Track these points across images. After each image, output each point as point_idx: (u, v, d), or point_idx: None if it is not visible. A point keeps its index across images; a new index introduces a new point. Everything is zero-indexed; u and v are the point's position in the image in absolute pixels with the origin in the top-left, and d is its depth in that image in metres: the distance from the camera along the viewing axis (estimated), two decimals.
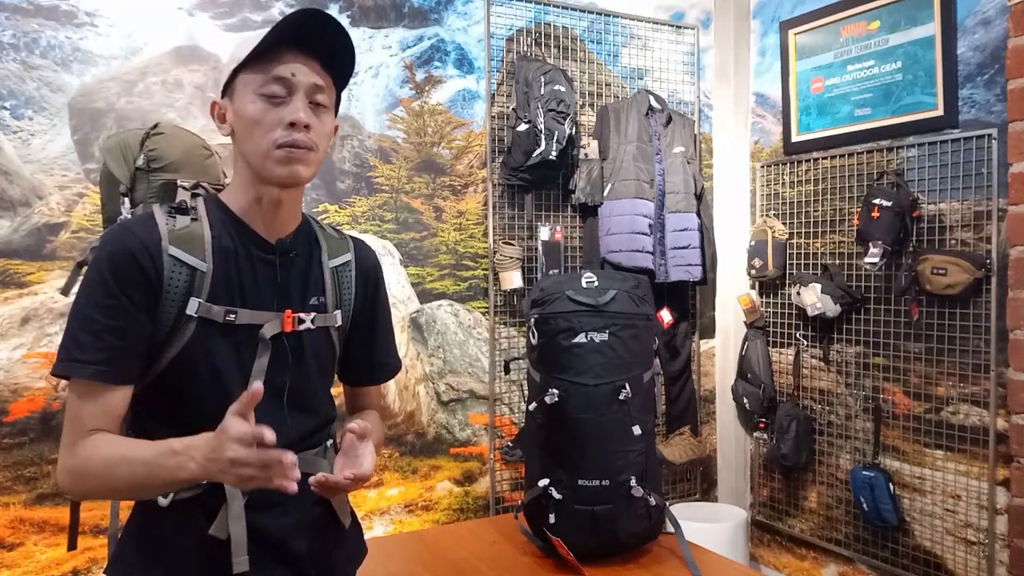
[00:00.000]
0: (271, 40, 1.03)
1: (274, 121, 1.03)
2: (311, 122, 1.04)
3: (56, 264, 2.21)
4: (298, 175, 1.05)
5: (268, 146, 1.03)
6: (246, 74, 1.05)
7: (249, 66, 1.05)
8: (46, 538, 2.17)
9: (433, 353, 2.78)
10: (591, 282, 1.78)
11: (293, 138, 1.03)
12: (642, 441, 1.76)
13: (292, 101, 1.04)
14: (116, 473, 0.97)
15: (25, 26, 2.17)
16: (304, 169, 1.05)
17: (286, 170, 1.04)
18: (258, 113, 1.03)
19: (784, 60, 3.11)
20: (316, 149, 1.06)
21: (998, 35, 2.36)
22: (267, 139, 1.03)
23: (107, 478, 0.98)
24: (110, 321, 0.99)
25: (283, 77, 1.03)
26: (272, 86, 1.03)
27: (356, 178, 2.65)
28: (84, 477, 0.99)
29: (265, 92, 1.03)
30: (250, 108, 1.04)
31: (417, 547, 1.85)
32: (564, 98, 2.68)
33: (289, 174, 1.04)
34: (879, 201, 2.56)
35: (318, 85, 1.06)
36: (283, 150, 1.03)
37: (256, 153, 1.04)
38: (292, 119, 1.02)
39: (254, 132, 1.04)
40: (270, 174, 1.05)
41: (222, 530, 1.04)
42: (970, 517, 2.46)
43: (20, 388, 2.16)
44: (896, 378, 2.68)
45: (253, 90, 1.04)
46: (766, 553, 3.22)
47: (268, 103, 1.03)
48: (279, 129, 1.03)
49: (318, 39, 1.05)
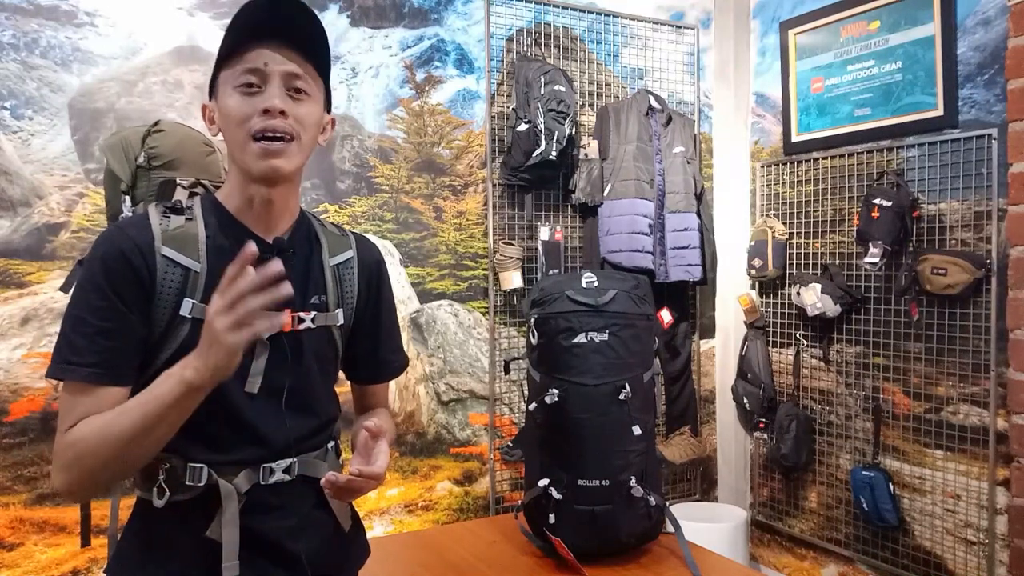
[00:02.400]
0: (236, 32, 1.02)
1: (248, 111, 1.02)
2: (287, 108, 1.02)
3: (56, 264, 2.21)
4: (277, 169, 1.03)
5: (244, 137, 1.02)
6: (224, 71, 1.05)
7: (226, 62, 1.04)
8: (46, 538, 2.17)
9: (433, 353, 2.77)
10: (591, 282, 1.78)
11: (267, 124, 1.01)
12: (642, 441, 1.76)
13: (266, 89, 1.02)
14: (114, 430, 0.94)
15: (25, 26, 2.17)
16: (284, 162, 1.03)
17: (264, 164, 1.02)
18: (234, 105, 1.02)
19: (784, 60, 3.11)
20: (297, 138, 1.04)
21: (998, 35, 2.36)
22: (243, 130, 1.02)
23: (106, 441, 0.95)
24: (103, 323, 0.99)
25: (255, 68, 1.02)
26: (246, 77, 1.02)
27: (356, 178, 2.65)
28: (82, 457, 0.96)
29: (240, 84, 1.02)
30: (228, 103, 1.03)
31: (417, 547, 1.85)
32: (564, 98, 2.68)
33: (267, 168, 1.03)
34: (879, 201, 2.56)
35: (294, 72, 1.04)
36: (259, 144, 1.01)
37: (236, 147, 1.04)
38: (265, 106, 1.01)
39: (232, 125, 1.03)
40: (250, 169, 1.04)
41: (219, 532, 1.04)
42: (970, 517, 2.46)
43: (20, 388, 2.16)
44: (896, 378, 2.68)
45: (231, 85, 1.03)
46: (766, 553, 3.22)
47: (244, 95, 1.02)
48: (254, 118, 1.01)
49: (283, 24, 1.03)
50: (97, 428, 0.96)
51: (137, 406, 0.95)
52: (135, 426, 0.94)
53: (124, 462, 0.98)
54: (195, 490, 1.04)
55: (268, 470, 1.08)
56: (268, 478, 1.08)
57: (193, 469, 1.03)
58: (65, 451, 0.98)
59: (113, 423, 0.95)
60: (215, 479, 1.04)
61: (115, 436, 0.95)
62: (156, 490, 1.03)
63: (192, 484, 1.03)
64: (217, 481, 1.04)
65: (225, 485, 1.04)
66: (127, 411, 0.96)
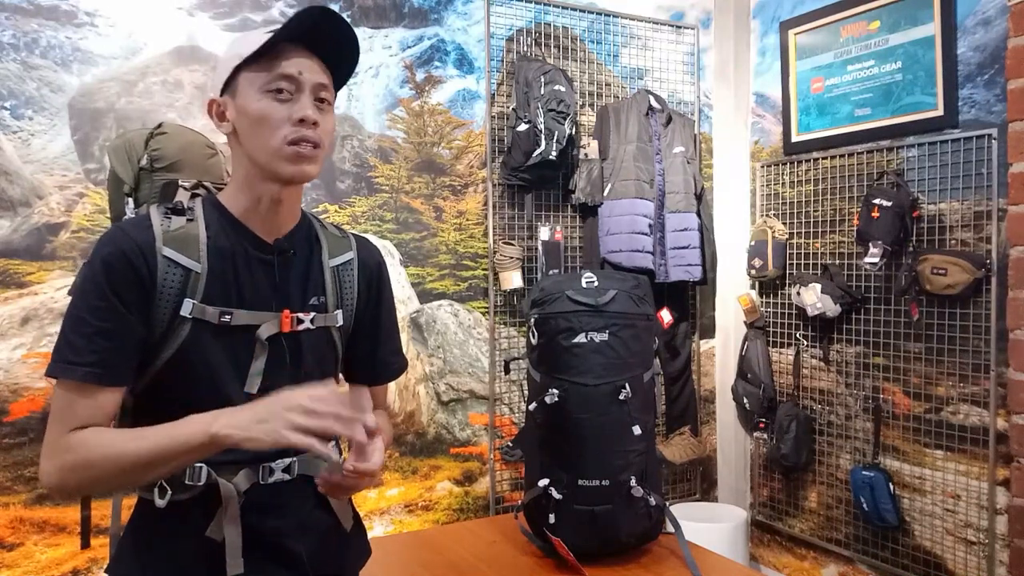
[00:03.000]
0: (281, 37, 1.03)
1: (282, 118, 1.03)
2: (318, 119, 1.05)
3: (56, 264, 2.21)
4: (306, 173, 1.06)
5: (279, 143, 1.03)
6: (250, 71, 1.05)
7: (253, 63, 1.04)
8: (46, 538, 2.17)
9: (433, 353, 2.78)
10: (591, 282, 1.78)
11: (303, 134, 1.03)
12: (642, 441, 1.76)
13: (300, 98, 1.04)
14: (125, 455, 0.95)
15: (25, 26, 2.17)
16: (312, 167, 1.06)
17: (295, 168, 1.05)
18: (265, 110, 1.03)
19: (784, 60, 3.11)
20: (323, 146, 1.07)
21: (998, 35, 2.36)
22: (276, 136, 1.03)
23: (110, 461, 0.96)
24: (102, 323, 0.99)
25: (290, 75, 1.04)
26: (278, 83, 1.03)
27: (356, 178, 2.65)
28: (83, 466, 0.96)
29: (272, 89, 1.03)
30: (256, 105, 1.03)
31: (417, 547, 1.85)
32: (564, 98, 2.68)
33: (298, 172, 1.05)
34: (879, 201, 2.56)
35: (323, 84, 1.07)
36: (293, 148, 1.03)
37: (264, 150, 1.04)
38: (302, 116, 1.03)
39: (261, 129, 1.04)
40: (279, 171, 1.05)
41: (219, 532, 1.04)
42: (970, 517, 2.46)
43: (20, 388, 2.16)
44: (896, 378, 2.68)
45: (258, 87, 1.04)
46: (766, 553, 3.22)
47: (275, 100, 1.03)
48: (288, 125, 1.03)
49: (326, 39, 1.06)
50: (106, 446, 0.96)
51: (153, 439, 0.95)
52: (147, 457, 0.95)
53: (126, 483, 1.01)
54: (195, 489, 1.04)
55: (268, 469, 1.09)
56: (268, 477, 1.08)
57: (193, 468, 1.04)
58: (63, 453, 0.98)
59: (126, 447, 0.96)
60: (215, 478, 1.04)
61: (124, 460, 0.96)
62: (157, 490, 1.04)
63: (192, 483, 1.04)
64: (217, 480, 1.04)
65: (225, 484, 1.04)
66: (142, 440, 0.96)
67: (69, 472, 0.98)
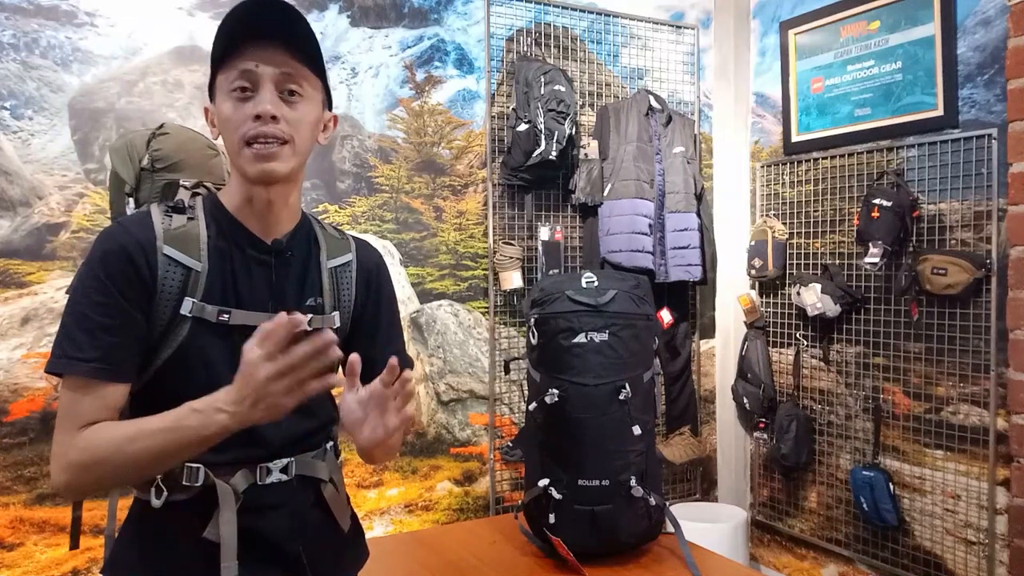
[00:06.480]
0: (225, 35, 1.02)
1: (242, 117, 1.01)
2: (280, 112, 1.02)
3: (56, 264, 2.21)
4: (272, 172, 1.03)
5: (238, 143, 1.02)
6: (220, 75, 1.04)
7: (220, 66, 1.04)
8: (46, 538, 2.17)
9: (433, 353, 2.78)
10: (591, 282, 1.78)
11: (259, 131, 1.01)
12: (642, 441, 1.76)
13: (259, 93, 1.02)
14: (133, 448, 0.94)
15: (25, 26, 2.17)
16: (278, 164, 1.03)
17: (258, 168, 1.02)
18: (227, 111, 1.02)
19: (784, 60, 3.11)
20: (292, 140, 1.03)
21: (998, 35, 2.36)
22: (236, 135, 1.02)
23: (122, 456, 0.95)
24: (104, 319, 0.99)
25: (247, 70, 1.01)
26: (238, 81, 1.02)
27: (356, 178, 2.65)
28: (93, 464, 0.96)
29: (234, 88, 1.02)
30: (222, 107, 1.03)
31: (417, 547, 1.85)
32: (564, 98, 2.68)
33: (261, 172, 1.02)
34: (879, 201, 2.56)
35: (286, 73, 1.03)
36: (251, 148, 1.01)
37: (232, 152, 1.04)
38: (257, 111, 1.00)
39: (226, 132, 1.03)
40: (246, 172, 1.03)
41: (216, 533, 1.04)
42: (970, 517, 2.46)
43: (20, 388, 2.16)
44: (896, 378, 2.68)
45: (226, 90, 1.03)
46: (766, 553, 3.22)
47: (238, 99, 1.02)
48: (247, 123, 1.01)
49: (269, 25, 1.02)
50: (115, 441, 0.96)
51: (161, 431, 0.94)
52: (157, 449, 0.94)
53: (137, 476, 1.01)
54: (192, 490, 1.04)
55: (265, 470, 1.08)
56: (265, 478, 1.08)
57: (190, 469, 1.03)
58: (72, 453, 0.97)
59: (134, 440, 0.95)
60: (212, 479, 1.04)
61: (134, 454, 0.95)
62: (154, 490, 1.03)
63: (189, 484, 1.03)
64: (214, 481, 1.04)
65: (222, 485, 1.04)
66: (147, 433, 0.95)
67: (84, 471, 0.97)
